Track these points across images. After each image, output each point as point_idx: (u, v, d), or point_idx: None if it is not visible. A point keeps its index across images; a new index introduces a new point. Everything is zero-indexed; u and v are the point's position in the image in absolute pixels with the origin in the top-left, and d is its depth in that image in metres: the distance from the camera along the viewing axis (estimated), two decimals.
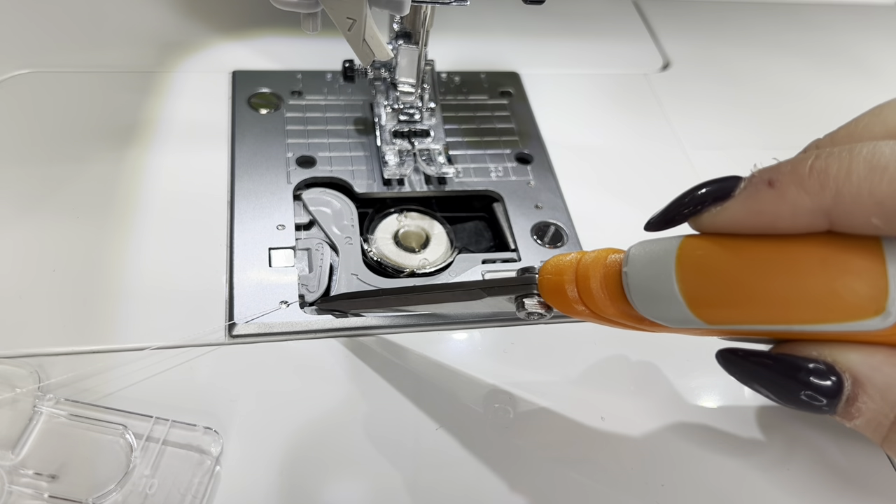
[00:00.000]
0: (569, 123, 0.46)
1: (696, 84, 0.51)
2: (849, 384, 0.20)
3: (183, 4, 0.50)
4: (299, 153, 0.40)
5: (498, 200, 0.40)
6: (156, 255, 0.34)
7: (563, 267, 0.25)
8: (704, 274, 0.21)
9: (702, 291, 0.21)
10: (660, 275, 0.22)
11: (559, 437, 0.30)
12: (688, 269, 0.22)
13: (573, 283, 0.25)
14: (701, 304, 0.21)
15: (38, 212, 0.35)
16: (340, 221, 0.38)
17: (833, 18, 0.59)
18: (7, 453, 0.26)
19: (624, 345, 0.33)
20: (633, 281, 0.23)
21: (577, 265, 0.25)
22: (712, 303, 0.21)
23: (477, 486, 0.28)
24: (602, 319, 0.25)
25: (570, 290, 0.25)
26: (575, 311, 0.25)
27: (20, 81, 0.42)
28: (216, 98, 0.43)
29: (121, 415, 0.28)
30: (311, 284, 0.35)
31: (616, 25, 0.55)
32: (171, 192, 0.37)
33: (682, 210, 0.23)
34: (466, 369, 0.32)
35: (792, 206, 0.20)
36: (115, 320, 0.31)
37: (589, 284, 0.24)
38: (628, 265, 0.23)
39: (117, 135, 0.40)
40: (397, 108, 0.41)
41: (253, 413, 0.29)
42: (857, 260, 0.19)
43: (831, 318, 0.20)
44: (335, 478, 0.28)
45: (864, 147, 0.19)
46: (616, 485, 0.29)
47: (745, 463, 0.30)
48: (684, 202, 0.23)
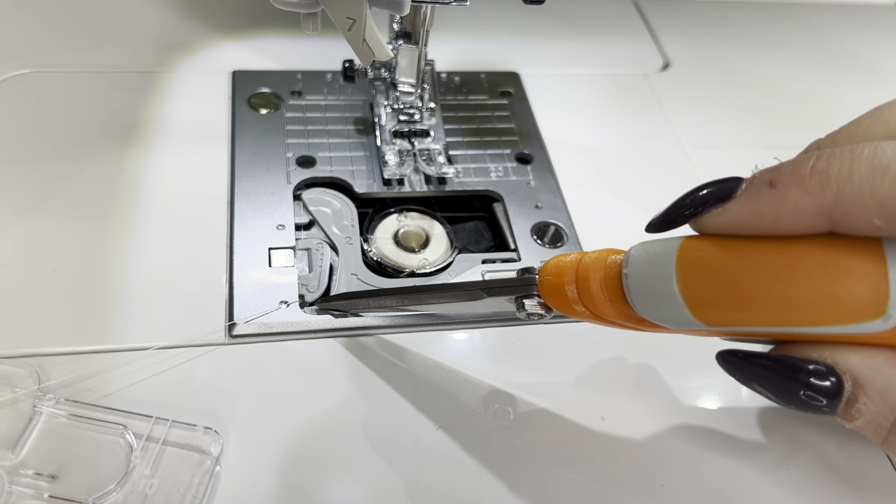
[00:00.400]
0: (569, 123, 0.46)
1: (696, 84, 0.51)
2: (849, 385, 0.20)
3: (183, 4, 0.50)
4: (299, 153, 0.40)
5: (498, 200, 0.40)
6: (156, 255, 0.34)
7: (563, 268, 0.25)
8: (705, 275, 0.21)
9: (702, 293, 0.21)
10: (660, 276, 0.22)
11: (559, 437, 0.30)
12: (688, 271, 0.21)
13: (573, 283, 0.25)
14: (701, 305, 0.21)
15: (38, 212, 0.35)
16: (340, 221, 0.38)
17: (833, 18, 0.59)
18: (7, 453, 0.26)
19: (623, 345, 0.33)
20: (633, 282, 0.23)
21: (578, 266, 0.25)
22: (712, 304, 0.21)
23: (477, 487, 0.28)
24: (602, 320, 0.25)
25: (570, 291, 0.25)
26: (575, 311, 0.25)
27: (20, 81, 0.42)
28: (216, 98, 0.43)
29: (121, 415, 0.28)
30: (311, 284, 0.35)
31: (616, 25, 0.55)
32: (171, 192, 0.37)
33: (682, 211, 0.23)
34: (466, 369, 0.32)
35: (793, 207, 0.20)
36: (114, 320, 0.31)
37: (589, 285, 0.24)
38: (628, 266, 0.23)
39: (117, 135, 0.40)
40: (397, 108, 0.41)
41: (253, 413, 0.29)
42: (858, 262, 0.19)
43: (832, 320, 0.20)
44: (335, 478, 0.28)
45: (865, 147, 0.19)
46: (616, 485, 0.29)
47: (746, 463, 0.30)
48: (685, 203, 0.23)
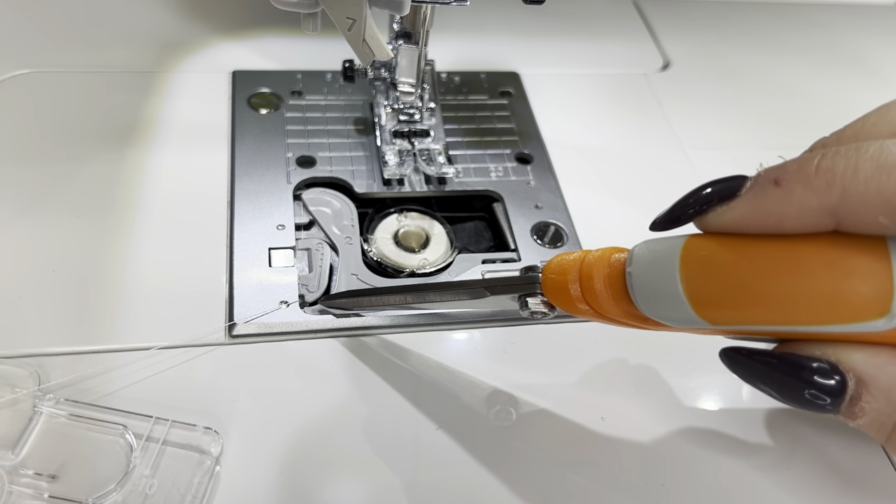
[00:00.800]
0: (569, 123, 0.46)
1: (696, 84, 0.51)
2: (852, 384, 0.20)
3: (183, 4, 0.50)
4: (299, 153, 0.40)
5: (498, 200, 0.40)
6: (156, 255, 0.34)
7: (566, 266, 0.25)
8: (709, 274, 0.21)
9: (706, 292, 0.21)
10: (664, 275, 0.22)
11: (559, 437, 0.30)
12: (692, 269, 0.21)
13: (577, 282, 0.24)
14: (705, 304, 0.21)
15: (38, 212, 0.35)
16: (340, 221, 0.38)
17: (833, 18, 0.59)
18: (7, 453, 0.26)
19: (624, 345, 0.33)
20: (636, 281, 0.23)
21: (581, 264, 0.25)
22: (716, 303, 0.21)
23: (477, 487, 0.28)
24: (605, 318, 0.25)
25: (574, 289, 0.25)
26: (578, 310, 0.25)
27: (20, 81, 0.42)
28: (216, 98, 0.43)
29: (121, 415, 0.28)
30: (311, 284, 0.35)
31: (616, 25, 0.55)
32: (171, 192, 0.37)
33: (687, 210, 0.23)
34: (466, 369, 0.32)
35: (798, 206, 0.20)
36: (114, 320, 0.31)
37: (592, 284, 0.24)
38: (632, 265, 0.23)
39: (117, 135, 0.40)
40: (397, 108, 0.41)
41: (253, 413, 0.29)
42: (863, 261, 0.19)
43: (836, 319, 0.20)
44: (335, 478, 0.28)
45: (871, 146, 0.19)
46: (616, 485, 0.29)
47: (746, 463, 0.30)
48: (689, 202, 0.23)
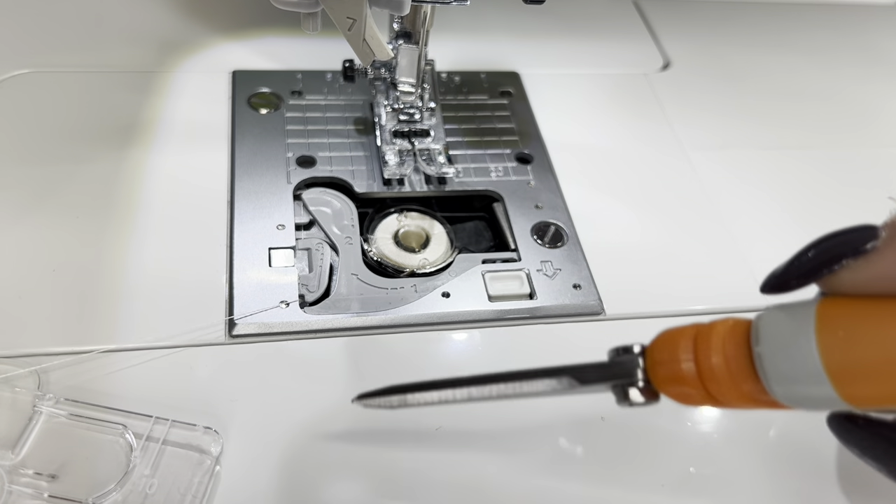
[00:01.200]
0: (569, 123, 0.46)
1: (696, 84, 0.51)
2: None
3: (183, 4, 0.50)
4: (299, 153, 0.40)
5: (498, 200, 0.40)
6: (156, 255, 0.34)
7: (675, 349, 0.21)
8: (854, 348, 0.18)
9: (852, 371, 0.18)
10: (801, 355, 0.18)
11: (559, 436, 0.30)
12: (832, 344, 0.18)
13: (693, 370, 0.21)
14: (851, 384, 0.18)
15: (38, 212, 0.35)
16: (340, 221, 0.38)
17: (834, 18, 0.59)
18: (7, 453, 0.26)
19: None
20: (768, 363, 0.19)
21: (696, 348, 0.21)
22: (866, 383, 0.18)
23: (477, 486, 0.28)
24: (719, 404, 0.21)
25: (689, 374, 0.21)
26: (692, 399, 0.21)
27: (20, 81, 0.42)
28: (216, 98, 0.43)
29: (121, 415, 0.28)
30: (311, 284, 0.35)
31: (616, 25, 0.55)
32: (171, 192, 0.37)
33: (809, 268, 0.19)
34: (466, 369, 0.32)
35: None
36: (115, 320, 0.31)
37: (712, 367, 0.20)
38: (760, 344, 0.19)
39: (117, 135, 0.40)
40: (397, 107, 0.41)
41: (253, 413, 0.29)
42: None
43: None
44: (335, 477, 0.28)
45: None
46: (616, 485, 0.29)
47: (747, 463, 0.30)
48: (811, 258, 0.19)
